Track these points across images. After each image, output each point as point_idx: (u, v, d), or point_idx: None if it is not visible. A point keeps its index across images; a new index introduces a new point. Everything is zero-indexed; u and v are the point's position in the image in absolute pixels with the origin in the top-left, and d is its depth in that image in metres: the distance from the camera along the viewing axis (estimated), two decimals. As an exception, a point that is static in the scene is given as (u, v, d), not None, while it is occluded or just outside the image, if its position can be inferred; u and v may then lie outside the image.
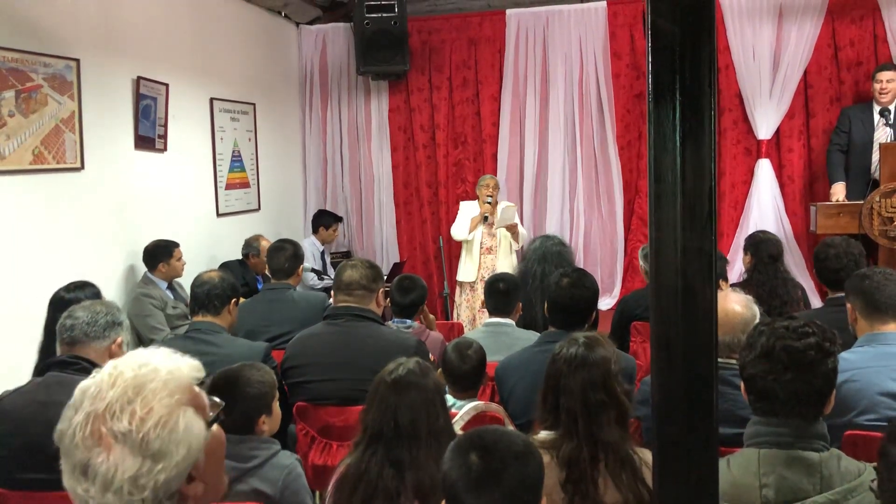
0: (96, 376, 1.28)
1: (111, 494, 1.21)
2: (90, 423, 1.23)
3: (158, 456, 1.23)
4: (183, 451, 1.25)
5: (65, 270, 3.93)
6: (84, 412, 1.24)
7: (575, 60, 6.84)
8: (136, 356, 1.31)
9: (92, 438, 1.22)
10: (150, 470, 1.22)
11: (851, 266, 3.36)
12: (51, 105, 4.15)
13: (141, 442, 1.22)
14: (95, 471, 1.21)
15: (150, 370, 1.28)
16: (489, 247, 6.02)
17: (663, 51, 1.12)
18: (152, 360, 1.31)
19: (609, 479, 1.94)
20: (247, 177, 6.44)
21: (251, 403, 2.28)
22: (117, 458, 1.21)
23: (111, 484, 1.21)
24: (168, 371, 1.30)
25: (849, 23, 6.31)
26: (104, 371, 1.29)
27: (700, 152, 1.12)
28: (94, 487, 1.22)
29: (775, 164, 6.54)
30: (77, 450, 1.23)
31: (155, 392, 1.26)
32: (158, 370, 1.29)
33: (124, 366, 1.29)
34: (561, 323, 3.03)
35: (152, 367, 1.29)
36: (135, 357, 1.31)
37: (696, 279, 1.13)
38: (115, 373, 1.28)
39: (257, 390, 2.30)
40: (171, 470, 1.24)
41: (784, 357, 1.77)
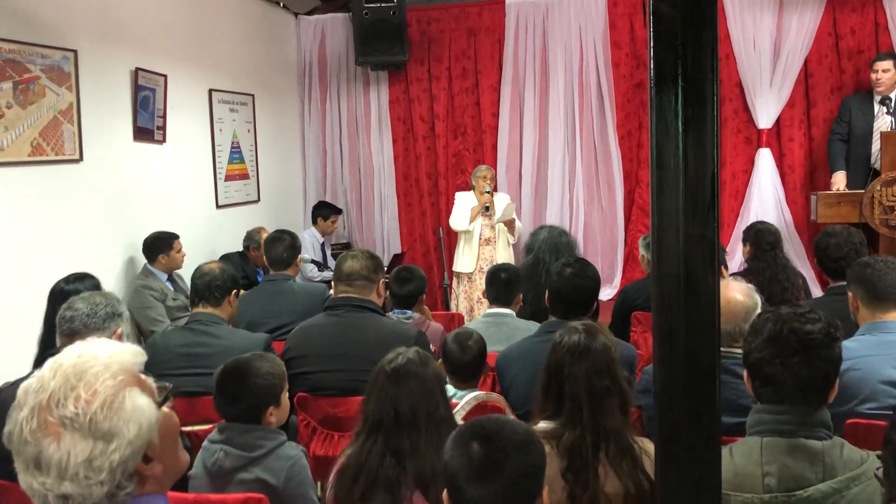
0: (36, 373, 1.28)
1: (68, 482, 1.21)
2: (36, 416, 1.23)
3: (109, 436, 1.23)
4: (134, 429, 1.26)
5: (64, 262, 3.92)
6: (28, 407, 1.24)
7: (575, 50, 6.82)
8: (74, 348, 1.32)
9: (40, 430, 1.22)
10: (104, 451, 1.22)
11: (852, 255, 3.35)
12: (49, 96, 4.13)
13: (90, 424, 1.22)
14: (49, 461, 1.21)
15: (89, 357, 1.29)
16: (488, 238, 6.04)
17: (665, 36, 1.11)
18: (90, 349, 1.32)
19: (609, 469, 1.94)
20: (246, 168, 6.42)
21: (259, 394, 2.28)
22: (68, 444, 1.21)
23: (66, 471, 1.21)
24: (108, 356, 1.31)
25: (849, 11, 6.28)
26: (44, 367, 1.29)
27: (702, 138, 1.11)
28: (50, 478, 1.22)
29: (776, 154, 6.53)
30: (27, 445, 1.23)
31: (97, 375, 1.26)
32: (98, 356, 1.30)
33: (64, 357, 1.30)
34: (562, 313, 3.02)
35: (91, 355, 1.30)
36: (73, 349, 1.32)
37: (698, 267, 1.12)
38: (54, 365, 1.28)
39: (266, 381, 2.30)
40: (125, 449, 1.24)
41: (792, 340, 1.77)
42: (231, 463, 2.22)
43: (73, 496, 1.22)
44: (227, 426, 2.28)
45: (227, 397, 2.29)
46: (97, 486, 1.22)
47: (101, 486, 1.23)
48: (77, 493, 1.22)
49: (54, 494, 1.22)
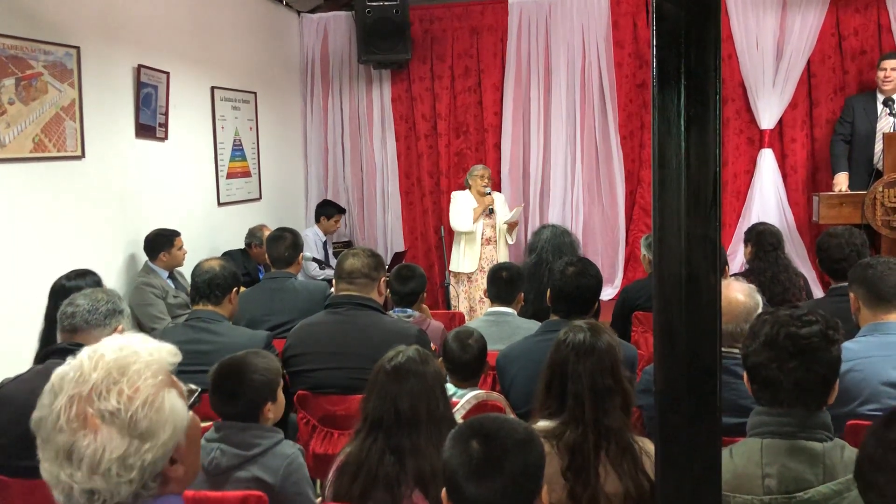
0: (73, 362, 1.27)
1: (98, 477, 1.20)
2: (75, 406, 1.22)
3: (146, 435, 1.23)
4: (169, 431, 1.26)
5: (65, 259, 3.93)
6: (66, 395, 1.23)
7: (577, 49, 6.81)
8: (113, 340, 1.31)
9: (77, 420, 1.21)
10: (138, 450, 1.22)
11: (854, 256, 3.35)
12: (51, 93, 4.13)
13: (129, 421, 1.21)
14: (82, 454, 1.20)
15: (131, 352, 1.28)
16: (489, 238, 6.05)
17: (669, 34, 1.11)
18: (131, 343, 1.31)
19: (610, 468, 1.94)
20: (248, 166, 6.42)
21: (257, 391, 2.28)
22: (105, 438, 1.20)
23: (98, 466, 1.20)
24: (149, 353, 1.30)
25: (853, 12, 6.27)
26: (82, 356, 1.27)
27: (705, 137, 1.11)
28: (81, 471, 1.20)
29: (778, 154, 6.52)
30: (61, 434, 1.21)
31: (139, 372, 1.25)
32: (139, 352, 1.29)
33: (104, 349, 1.28)
34: (564, 312, 3.02)
35: (133, 350, 1.29)
36: (113, 341, 1.31)
37: (699, 267, 1.12)
38: (94, 356, 1.27)
39: (263, 377, 2.30)
40: (158, 450, 1.24)
41: (788, 345, 1.76)
42: (228, 461, 2.21)
43: (100, 492, 1.21)
44: (225, 425, 2.28)
45: (225, 396, 2.28)
46: (126, 484, 1.22)
47: (129, 484, 1.22)
48: (105, 490, 1.21)
49: (81, 488, 1.21)
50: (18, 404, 2.28)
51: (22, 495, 2.20)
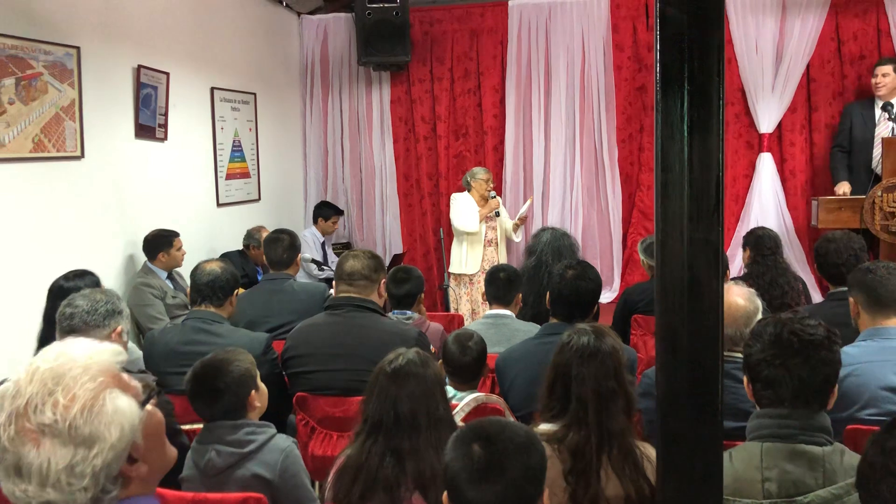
0: (13, 378, 1.25)
1: (50, 489, 1.19)
2: (13, 422, 1.21)
3: (90, 441, 1.21)
4: (116, 432, 1.24)
5: (64, 259, 3.92)
6: (5, 413, 1.22)
7: (577, 52, 6.81)
8: (51, 349, 1.29)
9: (18, 437, 1.20)
10: (85, 457, 1.20)
11: (852, 261, 3.35)
12: (51, 93, 4.13)
13: (69, 430, 1.20)
14: (29, 468, 1.19)
15: (66, 359, 1.26)
16: (490, 239, 6.07)
17: (672, 39, 1.11)
18: (68, 350, 1.29)
19: (611, 472, 1.93)
20: (247, 167, 6.42)
21: (238, 382, 2.29)
22: (48, 450, 1.19)
23: (47, 478, 1.19)
24: (87, 357, 1.28)
25: (852, 16, 6.28)
26: (21, 371, 1.26)
27: (708, 142, 1.11)
28: (32, 485, 1.19)
29: (777, 159, 6.53)
30: (6, 452, 1.20)
31: (75, 379, 1.24)
32: (75, 358, 1.27)
33: (40, 360, 1.27)
34: (563, 315, 3.02)
35: (69, 357, 1.27)
36: (50, 350, 1.29)
37: (702, 271, 1.12)
38: (30, 369, 1.25)
39: (239, 369, 2.30)
40: (108, 453, 1.22)
41: (794, 341, 1.78)
42: (224, 461, 2.21)
43: (56, 503, 1.20)
44: (215, 425, 2.27)
45: (208, 396, 2.28)
46: (80, 492, 1.20)
47: (84, 491, 1.20)
48: (60, 500, 1.20)
49: (37, 502, 1.20)
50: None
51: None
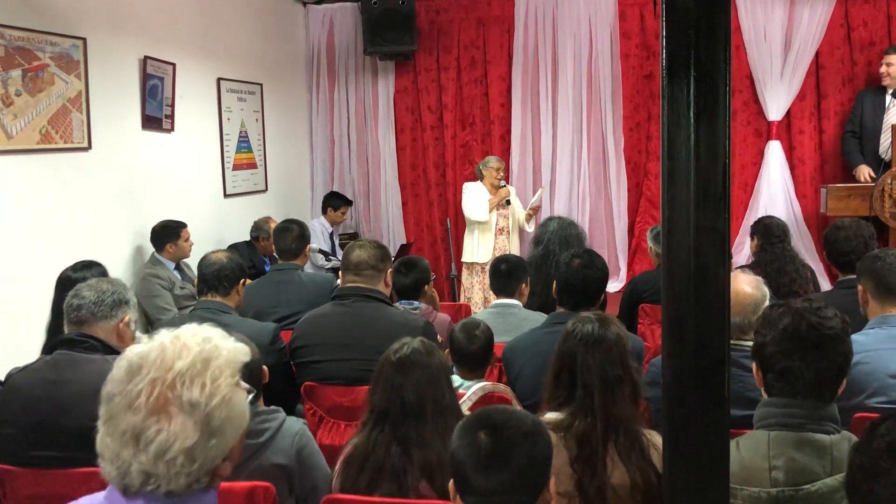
0: (152, 344, 1.28)
1: (162, 463, 1.22)
2: (156, 390, 1.23)
3: (216, 432, 1.25)
4: (233, 431, 1.29)
5: (72, 250, 3.93)
6: (149, 378, 1.24)
7: (584, 41, 6.78)
8: (195, 330, 1.33)
9: (156, 404, 1.22)
10: (206, 445, 1.24)
11: (861, 248, 3.33)
12: (58, 84, 4.14)
13: (206, 415, 1.24)
14: (151, 438, 1.21)
15: (213, 347, 1.31)
16: (502, 228, 6.08)
17: (678, 26, 1.10)
18: (213, 337, 1.32)
19: (617, 460, 1.94)
20: (254, 157, 6.42)
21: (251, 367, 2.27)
22: (178, 427, 1.22)
23: (166, 453, 1.21)
24: (228, 351, 1.32)
25: (862, 2, 6.22)
26: (162, 340, 1.28)
27: (714, 129, 1.10)
28: (146, 455, 1.21)
29: (786, 146, 6.49)
30: (135, 414, 1.22)
31: (220, 369, 1.28)
32: (220, 348, 1.31)
33: (187, 338, 1.30)
34: (570, 304, 3.02)
35: (215, 345, 1.31)
36: (195, 331, 1.32)
37: (709, 259, 1.12)
38: (178, 344, 1.28)
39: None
40: (221, 447, 1.27)
41: (813, 335, 1.77)
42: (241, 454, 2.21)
43: (158, 477, 1.22)
44: None
45: None
46: (185, 475, 1.23)
47: (188, 476, 1.24)
48: (164, 476, 1.22)
49: (141, 469, 1.22)
50: (27, 394, 2.29)
51: (30, 485, 2.21)
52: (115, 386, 1.26)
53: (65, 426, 2.23)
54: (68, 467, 2.17)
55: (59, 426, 2.24)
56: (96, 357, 2.35)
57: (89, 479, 2.09)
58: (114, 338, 2.46)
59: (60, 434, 2.23)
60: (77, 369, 2.31)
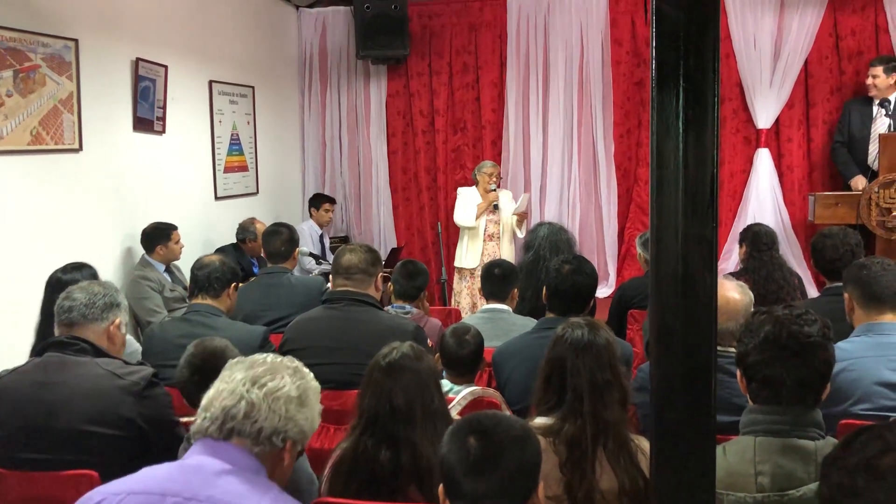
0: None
1: (267, 402, 1.57)
2: (273, 360, 1.68)
3: (304, 404, 1.63)
4: (311, 416, 1.65)
5: (62, 252, 3.92)
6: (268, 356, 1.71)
7: (575, 47, 6.81)
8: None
9: (274, 366, 1.65)
10: (298, 407, 1.62)
11: (848, 256, 3.37)
12: (49, 85, 4.13)
13: (304, 389, 1.65)
14: (266, 382, 1.60)
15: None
16: (492, 234, 6.07)
17: (668, 36, 1.12)
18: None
19: (606, 464, 1.95)
20: (245, 160, 6.42)
21: None
22: (288, 382, 1.62)
23: (273, 393, 1.58)
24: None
25: (850, 12, 6.29)
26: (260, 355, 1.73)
27: (703, 139, 1.12)
28: (259, 391, 1.58)
29: (774, 154, 6.53)
30: (261, 366, 1.64)
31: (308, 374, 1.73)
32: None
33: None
34: (560, 309, 3.03)
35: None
36: None
37: (696, 266, 1.13)
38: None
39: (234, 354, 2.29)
40: (302, 420, 1.62)
41: (792, 343, 1.78)
42: None
43: (260, 410, 1.56)
44: None
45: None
46: (276, 419, 1.57)
47: (277, 420, 1.57)
48: (263, 412, 1.56)
49: (250, 399, 1.57)
50: (17, 397, 2.28)
51: (19, 487, 2.21)
52: (237, 358, 1.71)
53: (54, 428, 2.23)
54: (58, 469, 2.17)
55: (48, 428, 2.23)
56: (86, 360, 2.34)
57: (78, 482, 2.09)
58: (104, 340, 2.46)
59: (50, 436, 2.23)
60: (67, 372, 2.30)
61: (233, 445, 1.55)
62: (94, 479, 2.09)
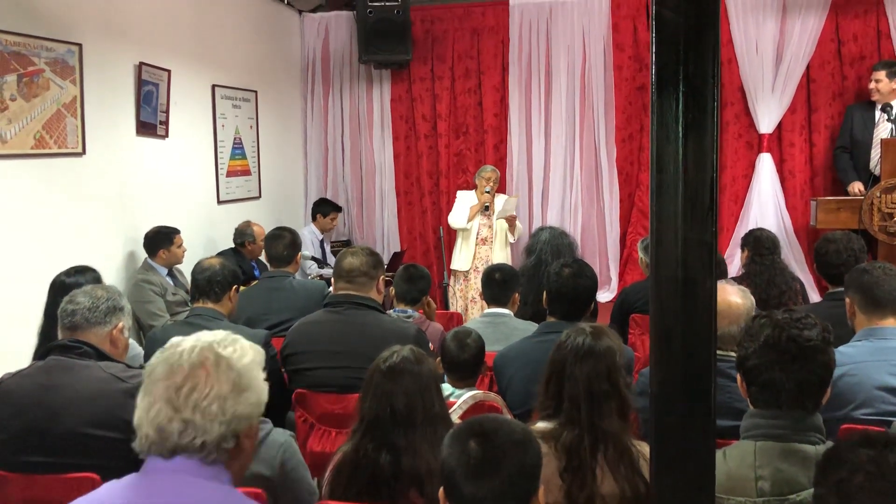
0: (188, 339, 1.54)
1: (199, 412, 1.43)
2: (197, 350, 1.49)
3: (243, 388, 1.48)
4: (255, 397, 1.51)
5: (65, 255, 3.94)
6: (189, 346, 1.50)
7: (577, 52, 6.82)
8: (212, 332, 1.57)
9: (197, 361, 1.47)
10: (235, 399, 1.46)
11: (852, 261, 3.36)
12: (53, 89, 4.15)
13: (237, 373, 1.48)
14: (191, 390, 1.44)
15: (237, 335, 1.59)
16: (485, 237, 6.07)
17: (667, 41, 1.12)
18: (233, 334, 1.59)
19: (607, 470, 1.95)
20: (248, 164, 6.43)
21: None
22: (213, 380, 1.45)
23: (202, 402, 1.43)
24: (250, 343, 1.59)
25: (852, 17, 6.29)
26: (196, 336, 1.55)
27: (702, 143, 1.12)
28: (186, 406, 1.43)
29: (776, 159, 6.54)
30: (178, 373, 1.46)
31: (246, 346, 1.55)
32: (242, 338, 1.59)
33: (215, 331, 1.58)
34: (561, 313, 3.03)
35: (237, 336, 1.59)
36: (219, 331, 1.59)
37: (696, 271, 1.13)
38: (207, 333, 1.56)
39: None
40: (247, 407, 1.49)
41: (792, 347, 1.78)
42: None
43: (195, 426, 1.42)
44: None
45: None
46: (217, 424, 1.43)
47: (219, 425, 1.44)
48: (200, 425, 1.42)
49: (181, 418, 1.42)
50: (19, 399, 2.29)
51: (21, 490, 2.21)
52: (155, 362, 1.49)
53: (56, 431, 2.23)
54: (59, 472, 2.17)
55: (50, 431, 2.24)
56: (89, 363, 2.35)
57: (80, 485, 2.09)
58: (107, 344, 2.46)
59: (51, 439, 2.23)
60: (69, 375, 2.31)
61: (182, 459, 1.44)
62: (96, 482, 2.09)
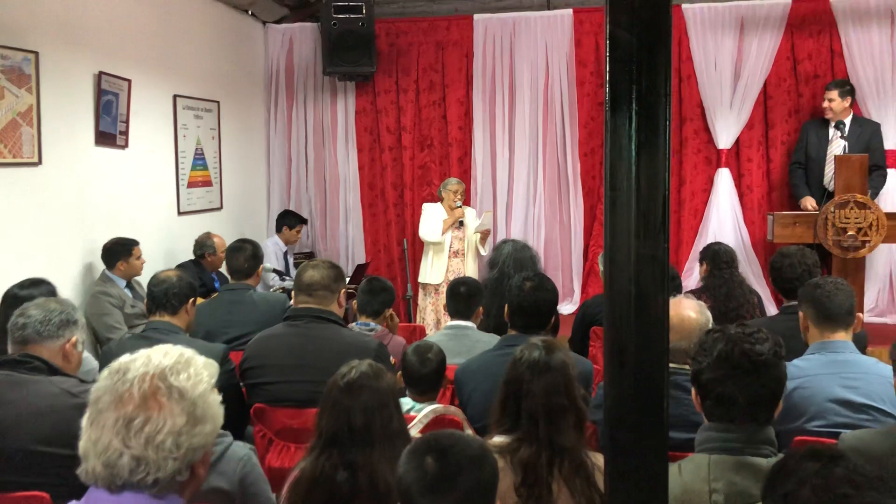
0: (134, 356, 1.42)
1: (152, 448, 1.32)
2: (147, 381, 1.36)
3: (199, 420, 1.37)
4: (211, 426, 1.41)
5: (20, 267, 3.85)
6: (139, 372, 1.37)
7: (541, 67, 6.89)
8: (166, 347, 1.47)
9: (147, 392, 1.35)
10: (190, 432, 1.35)
11: (806, 275, 3.43)
12: (8, 98, 4.07)
13: (192, 403, 1.37)
14: (143, 423, 1.32)
15: (189, 354, 1.47)
16: (457, 250, 6.09)
17: (621, 61, 1.14)
18: (185, 350, 1.48)
19: (563, 484, 1.95)
20: (209, 175, 6.37)
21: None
22: (167, 413, 1.34)
23: (155, 437, 1.32)
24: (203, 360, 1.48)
25: (807, 37, 6.45)
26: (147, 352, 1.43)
27: (654, 162, 1.14)
28: (137, 441, 1.31)
29: (734, 174, 6.66)
30: (128, 404, 1.34)
31: (199, 368, 1.44)
32: (195, 356, 1.47)
33: (166, 346, 1.46)
34: (522, 326, 3.05)
35: (191, 353, 1.47)
36: (166, 347, 1.47)
37: (648, 286, 1.15)
38: (160, 350, 1.44)
39: None
40: (202, 438, 1.38)
41: (744, 362, 1.81)
42: None
43: (148, 462, 1.31)
44: None
45: None
46: (173, 460, 1.33)
47: (175, 461, 1.33)
48: (153, 462, 1.31)
49: (132, 455, 1.31)
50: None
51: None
52: (102, 387, 1.38)
53: (4, 449, 2.17)
54: (8, 492, 2.11)
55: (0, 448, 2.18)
56: (40, 378, 2.30)
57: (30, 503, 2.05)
58: (59, 359, 2.41)
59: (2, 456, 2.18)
60: (19, 390, 2.25)
61: (131, 495, 1.33)
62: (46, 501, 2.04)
